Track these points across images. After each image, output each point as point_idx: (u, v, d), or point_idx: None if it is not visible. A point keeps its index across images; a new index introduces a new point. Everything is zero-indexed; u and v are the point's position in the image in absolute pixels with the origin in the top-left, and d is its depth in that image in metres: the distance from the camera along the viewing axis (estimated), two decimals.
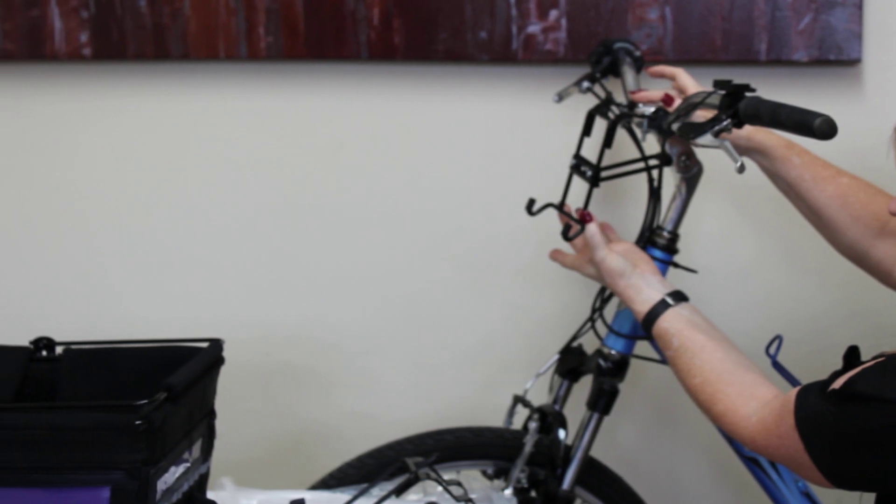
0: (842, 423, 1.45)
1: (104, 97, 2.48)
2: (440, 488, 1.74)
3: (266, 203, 2.49)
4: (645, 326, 1.86)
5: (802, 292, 2.41)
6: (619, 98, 2.08)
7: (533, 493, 2.13)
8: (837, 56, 2.28)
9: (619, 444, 2.45)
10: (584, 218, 1.94)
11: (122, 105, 2.49)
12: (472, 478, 2.02)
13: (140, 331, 2.31)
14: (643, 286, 1.88)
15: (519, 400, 2.20)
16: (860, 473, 1.49)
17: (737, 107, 1.76)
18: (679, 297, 1.86)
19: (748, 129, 1.85)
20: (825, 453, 1.49)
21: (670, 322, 1.82)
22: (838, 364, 1.55)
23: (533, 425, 2.12)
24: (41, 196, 2.52)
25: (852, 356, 1.53)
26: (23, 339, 1.65)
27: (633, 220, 2.15)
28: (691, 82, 1.98)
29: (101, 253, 2.53)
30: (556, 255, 2.07)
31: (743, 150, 1.90)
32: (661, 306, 1.84)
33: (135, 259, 2.52)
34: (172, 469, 1.44)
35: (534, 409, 2.15)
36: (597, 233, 1.93)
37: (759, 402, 1.63)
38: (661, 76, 2.05)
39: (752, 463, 2.04)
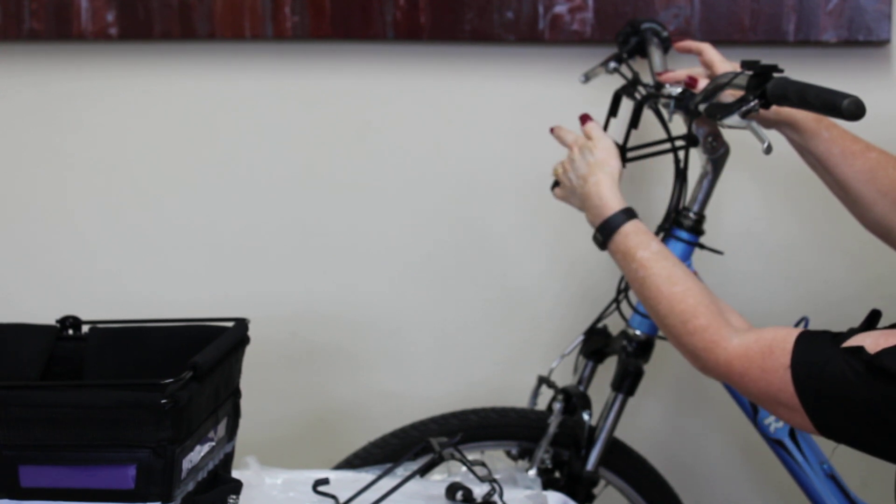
0: (856, 387, 1.44)
1: (130, 76, 2.49)
2: (464, 468, 1.74)
3: (292, 183, 2.49)
4: (605, 231, 1.80)
5: (829, 275, 2.40)
6: (646, 78, 2.08)
7: (557, 474, 2.13)
8: (866, 37, 2.27)
9: (643, 425, 2.45)
10: (583, 120, 1.94)
11: (148, 84, 2.49)
12: (497, 458, 2.02)
13: (166, 310, 2.31)
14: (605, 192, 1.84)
15: (543, 381, 2.20)
16: (854, 434, 1.49)
17: (764, 87, 1.75)
18: (633, 213, 1.82)
19: None
20: (822, 404, 1.49)
21: (640, 228, 1.79)
22: None
23: (557, 406, 2.12)
24: (68, 175, 2.53)
25: (873, 319, 1.52)
26: (49, 318, 1.65)
27: (660, 201, 2.14)
28: (718, 57, 1.96)
29: (127, 232, 2.53)
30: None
31: (772, 122, 1.89)
32: (624, 215, 1.80)
33: (161, 238, 2.53)
34: (198, 448, 1.45)
35: (558, 390, 2.15)
36: (597, 127, 1.92)
37: (735, 328, 1.61)
38: (688, 51, 2.04)
39: (777, 445, 2.04)
